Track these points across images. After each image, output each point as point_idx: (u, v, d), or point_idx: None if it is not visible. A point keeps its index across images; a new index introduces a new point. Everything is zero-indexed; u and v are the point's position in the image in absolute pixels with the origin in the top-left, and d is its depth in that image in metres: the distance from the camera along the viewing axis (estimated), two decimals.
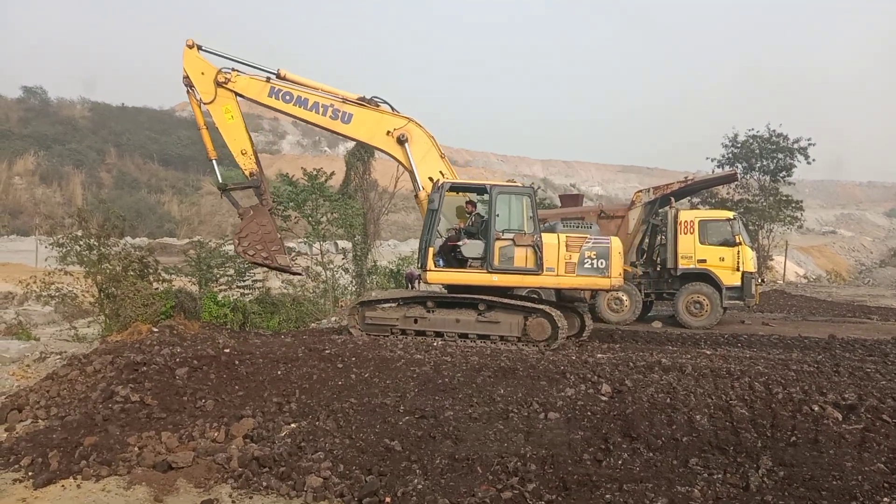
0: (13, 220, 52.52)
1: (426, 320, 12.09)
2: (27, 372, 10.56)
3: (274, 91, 12.28)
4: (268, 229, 12.13)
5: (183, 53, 11.97)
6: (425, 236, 12.18)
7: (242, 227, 12.09)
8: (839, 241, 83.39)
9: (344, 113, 12.48)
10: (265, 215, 12.26)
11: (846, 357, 11.03)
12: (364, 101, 12.56)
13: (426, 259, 11.96)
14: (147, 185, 65.81)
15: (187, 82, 12.01)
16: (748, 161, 38.80)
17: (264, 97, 12.28)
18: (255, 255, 12.03)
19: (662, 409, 6.91)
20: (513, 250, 11.88)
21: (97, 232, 13.43)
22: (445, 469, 5.98)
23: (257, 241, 11.96)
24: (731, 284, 16.08)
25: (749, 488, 5.30)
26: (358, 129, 12.66)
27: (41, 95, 75.12)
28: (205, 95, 12.01)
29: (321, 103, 12.41)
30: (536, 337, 11.67)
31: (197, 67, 12.03)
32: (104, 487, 5.97)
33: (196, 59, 12.03)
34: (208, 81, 12.02)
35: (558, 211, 19.72)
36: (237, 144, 12.21)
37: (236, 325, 13.24)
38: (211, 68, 12.05)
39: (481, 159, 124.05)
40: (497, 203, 11.92)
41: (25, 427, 7.59)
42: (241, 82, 12.16)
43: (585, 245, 12.01)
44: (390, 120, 12.64)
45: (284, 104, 12.33)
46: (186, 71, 12.00)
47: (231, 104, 12.14)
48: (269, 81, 12.22)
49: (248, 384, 8.54)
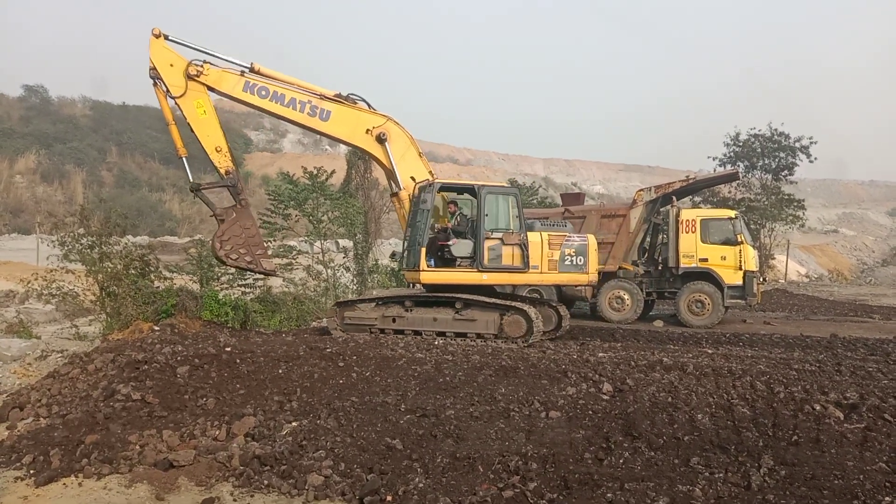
0: (14, 218, 52.51)
1: (404, 319, 12.40)
2: (28, 370, 10.57)
3: (248, 86, 11.68)
4: (251, 232, 11.62)
5: (149, 44, 11.23)
6: (417, 236, 12.08)
7: (224, 229, 11.39)
8: (841, 241, 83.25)
9: (322, 110, 12.07)
10: (248, 217, 11.74)
11: (848, 356, 11.02)
12: (340, 97, 12.20)
13: (419, 259, 11.95)
14: (148, 183, 65.77)
15: (154, 74, 11.26)
16: (750, 160, 38.78)
17: (238, 91, 11.67)
18: (238, 260, 11.46)
19: (664, 408, 6.91)
20: (501, 249, 12.21)
21: (99, 230, 13.43)
22: (447, 468, 5.98)
23: (240, 244, 11.40)
24: (732, 283, 16.07)
25: (750, 487, 5.29)
26: (336, 127, 12.31)
27: (42, 94, 75.09)
28: (174, 89, 11.29)
29: (298, 99, 11.94)
30: (512, 334, 11.86)
31: (165, 58, 11.30)
32: (105, 486, 5.98)
33: (163, 50, 11.30)
34: (177, 74, 11.30)
35: (560, 210, 19.70)
36: (211, 141, 11.52)
37: (237, 324, 13.22)
38: (181, 60, 11.37)
39: (482, 158, 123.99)
40: (486, 203, 12.15)
41: (27, 425, 7.60)
42: (213, 75, 11.50)
43: (565, 243, 12.64)
44: (369, 118, 12.42)
45: (260, 99, 11.77)
46: (153, 62, 11.24)
47: (203, 98, 11.46)
48: (244, 75, 11.66)
49: (249, 383, 8.55)
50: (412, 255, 12.33)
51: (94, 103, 79.64)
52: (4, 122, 66.40)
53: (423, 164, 12.72)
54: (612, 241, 17.19)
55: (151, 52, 11.21)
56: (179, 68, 11.30)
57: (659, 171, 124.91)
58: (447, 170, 75.62)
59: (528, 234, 12.32)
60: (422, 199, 12.09)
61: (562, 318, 13.15)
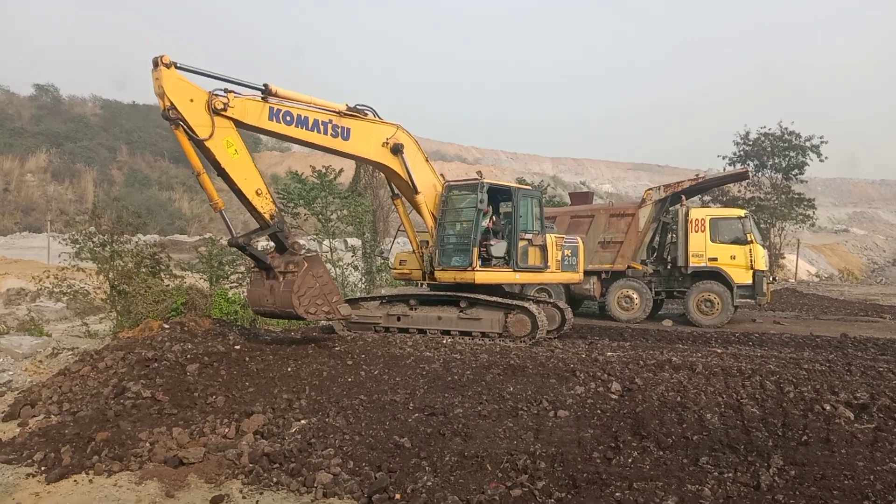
0: (25, 216, 52.95)
1: (409, 318, 12.54)
2: (40, 368, 10.65)
3: (273, 112, 10.07)
4: (324, 280, 10.08)
5: (160, 76, 8.82)
6: (471, 236, 11.99)
7: (299, 284, 9.65)
8: (851, 240, 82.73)
9: (343, 128, 10.91)
10: (318, 264, 10.13)
11: (858, 356, 10.97)
12: (352, 110, 11.09)
13: (471, 258, 11.91)
14: (158, 182, 66.18)
15: (174, 115, 8.95)
16: (760, 159, 38.64)
17: (264, 121, 10.00)
18: (316, 313, 9.97)
19: (673, 408, 6.89)
20: (528, 249, 12.64)
21: (110, 229, 13.53)
22: (455, 466, 5.99)
23: (316, 295, 9.87)
24: (742, 283, 16.01)
25: (760, 487, 5.27)
26: (356, 144, 11.21)
27: (53, 93, 75.60)
28: (201, 130, 9.14)
29: (320, 120, 10.60)
30: (517, 333, 11.95)
31: (184, 93, 9.06)
32: (116, 482, 6.01)
33: (180, 82, 9.04)
34: (199, 110, 9.18)
35: (569, 209, 19.69)
36: (250, 184, 9.66)
37: (247, 322, 13.28)
38: (200, 92, 9.24)
39: (491, 157, 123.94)
40: (520, 205, 12.53)
41: (38, 422, 7.65)
42: (239, 106, 9.59)
43: (564, 244, 13.50)
44: (382, 129, 11.60)
45: (286, 127, 10.26)
46: (171, 99, 8.91)
47: (233, 134, 9.53)
48: (267, 101, 9.98)
49: (258, 381, 8.59)
50: (454, 255, 12.28)
51: (104, 102, 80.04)
52: (16, 121, 66.96)
53: (429, 166, 12.55)
54: (621, 240, 17.17)
55: (166, 87, 8.88)
56: (200, 103, 9.22)
57: (668, 169, 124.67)
58: (455, 168, 75.62)
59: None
60: (479, 200, 11.95)
61: (565, 317, 13.20)
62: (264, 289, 10.01)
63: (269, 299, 9.95)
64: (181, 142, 9.19)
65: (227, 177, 9.53)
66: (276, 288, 9.83)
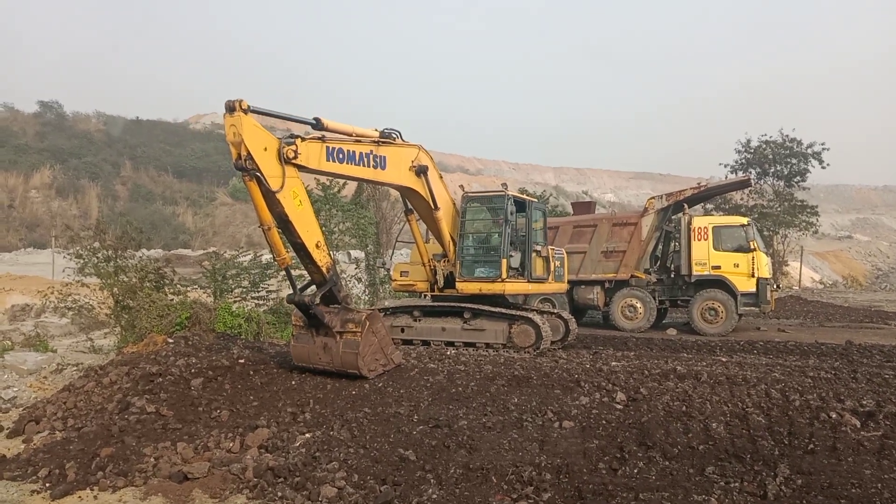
0: (30, 233, 53.14)
1: (413, 329, 12.55)
2: (44, 383, 10.66)
3: (330, 152, 9.34)
4: (382, 334, 9.47)
5: (238, 124, 7.90)
6: (499, 247, 12.19)
7: (364, 345, 9.02)
8: (855, 246, 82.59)
9: (380, 157, 10.36)
10: (377, 320, 9.47)
11: (864, 363, 10.93)
12: (383, 136, 10.60)
13: (500, 270, 12.09)
14: (162, 197, 66.47)
15: (250, 165, 8.04)
16: (762, 166, 38.68)
17: (323, 162, 9.25)
18: (375, 369, 9.31)
19: (678, 418, 6.87)
20: (537, 260, 12.97)
21: (114, 244, 13.57)
22: (460, 478, 5.97)
23: (376, 351, 9.32)
24: (746, 291, 16.00)
25: (766, 496, 5.25)
26: (391, 172, 10.68)
27: (57, 110, 76.10)
28: (273, 181, 8.29)
29: (364, 153, 9.99)
30: (521, 344, 11.98)
31: (260, 141, 8.20)
32: (121, 498, 6.00)
33: (258, 130, 8.18)
34: (273, 160, 8.36)
35: (571, 219, 19.70)
36: (311, 236, 8.93)
37: (251, 336, 13.27)
38: (273, 140, 8.42)
39: (493, 167, 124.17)
40: (533, 216, 12.96)
41: (43, 438, 7.65)
42: (304, 151, 8.81)
43: (555, 255, 13.76)
44: (408, 152, 11.21)
45: (339, 165, 9.52)
46: (249, 147, 7.99)
47: (298, 185, 8.77)
48: (325, 141, 9.30)
49: (262, 394, 8.58)
50: (478, 266, 12.44)
51: (108, 118, 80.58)
52: (20, 137, 67.34)
53: (444, 184, 12.34)
54: (624, 249, 17.19)
55: (245, 135, 7.96)
56: (273, 151, 8.41)
57: (670, 178, 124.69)
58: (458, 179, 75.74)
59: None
60: (510, 212, 12.29)
61: (569, 327, 13.22)
62: (316, 346, 9.29)
63: (322, 358, 9.25)
64: (253, 193, 8.30)
65: (292, 229, 8.79)
66: (333, 347, 9.12)
